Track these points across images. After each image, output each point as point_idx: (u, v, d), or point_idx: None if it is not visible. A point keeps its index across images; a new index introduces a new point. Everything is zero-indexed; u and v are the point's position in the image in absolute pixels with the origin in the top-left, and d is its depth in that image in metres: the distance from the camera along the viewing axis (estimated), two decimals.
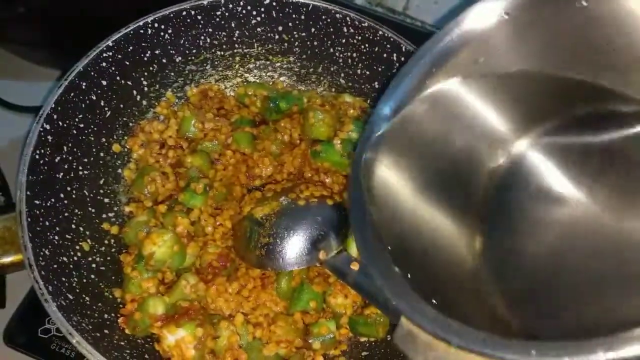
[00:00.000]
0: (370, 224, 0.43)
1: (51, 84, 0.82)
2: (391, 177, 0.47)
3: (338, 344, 0.62)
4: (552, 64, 0.45)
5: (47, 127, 0.59)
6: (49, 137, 0.59)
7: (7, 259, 0.56)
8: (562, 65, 0.45)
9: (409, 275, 0.40)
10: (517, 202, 0.50)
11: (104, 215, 0.65)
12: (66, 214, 0.60)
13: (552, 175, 0.49)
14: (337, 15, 0.68)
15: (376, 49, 0.69)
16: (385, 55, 0.68)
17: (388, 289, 0.40)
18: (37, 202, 0.56)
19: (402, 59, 0.67)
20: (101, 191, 0.66)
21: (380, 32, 0.67)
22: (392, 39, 0.67)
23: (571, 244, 0.46)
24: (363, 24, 0.68)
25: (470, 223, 0.49)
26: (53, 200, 0.59)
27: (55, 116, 0.60)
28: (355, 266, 0.56)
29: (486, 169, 0.50)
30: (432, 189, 0.48)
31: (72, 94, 0.62)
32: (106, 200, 0.66)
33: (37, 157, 0.58)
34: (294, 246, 0.59)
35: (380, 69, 0.70)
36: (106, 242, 0.64)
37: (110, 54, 0.65)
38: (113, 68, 0.65)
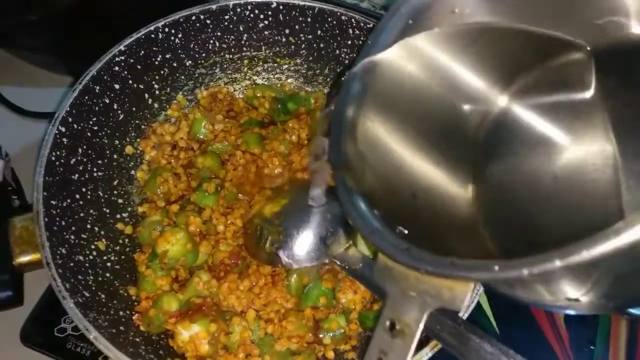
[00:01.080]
0: (348, 170, 0.44)
1: (62, 91, 0.83)
2: (376, 129, 0.46)
3: (348, 339, 0.63)
4: (522, 16, 0.45)
5: (63, 129, 0.60)
6: (65, 139, 0.61)
7: (25, 258, 0.57)
8: (529, 17, 0.45)
9: (391, 218, 0.41)
10: (506, 151, 0.50)
11: (118, 216, 0.66)
12: (81, 214, 0.61)
13: (537, 124, 0.50)
14: (343, 17, 0.69)
15: None
16: None
17: (364, 228, 0.40)
18: (53, 202, 0.58)
19: None
20: (115, 192, 0.67)
21: None
22: None
23: (562, 184, 0.47)
24: (368, 26, 0.69)
25: (461, 170, 0.49)
26: (69, 200, 0.60)
27: (70, 119, 0.61)
28: (364, 262, 0.57)
29: (473, 120, 0.50)
30: (420, 140, 0.48)
31: (86, 98, 0.63)
32: (120, 200, 0.67)
33: (53, 158, 0.59)
34: (303, 243, 0.60)
35: None
36: (121, 241, 0.65)
37: (123, 58, 0.66)
38: (125, 72, 0.67)
